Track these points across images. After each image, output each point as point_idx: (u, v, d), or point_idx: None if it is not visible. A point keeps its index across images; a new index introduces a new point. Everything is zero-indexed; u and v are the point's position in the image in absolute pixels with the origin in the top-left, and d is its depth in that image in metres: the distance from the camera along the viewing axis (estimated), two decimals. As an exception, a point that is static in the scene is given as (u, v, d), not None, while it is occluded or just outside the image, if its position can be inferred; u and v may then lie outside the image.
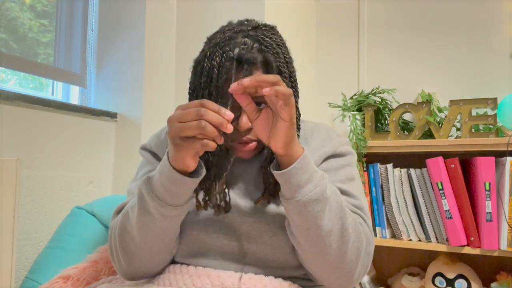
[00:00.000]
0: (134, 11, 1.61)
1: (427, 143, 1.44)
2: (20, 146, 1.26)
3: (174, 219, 0.73)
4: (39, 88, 1.53)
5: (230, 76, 0.73)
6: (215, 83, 0.74)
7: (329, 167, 0.83)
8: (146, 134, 1.57)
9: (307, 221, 0.69)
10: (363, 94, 1.67)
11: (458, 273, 1.39)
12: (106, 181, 1.58)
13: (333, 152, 0.85)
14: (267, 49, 0.76)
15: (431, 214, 1.42)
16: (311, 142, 0.86)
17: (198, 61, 0.79)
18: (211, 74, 0.75)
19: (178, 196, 0.70)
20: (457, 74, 1.70)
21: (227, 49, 0.75)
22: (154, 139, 0.93)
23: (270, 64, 0.75)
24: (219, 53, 0.75)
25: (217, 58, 0.75)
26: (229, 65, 0.74)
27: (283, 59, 0.78)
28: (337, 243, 0.71)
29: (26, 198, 1.27)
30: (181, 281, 0.75)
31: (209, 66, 0.76)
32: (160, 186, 0.69)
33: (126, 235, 0.77)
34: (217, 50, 0.76)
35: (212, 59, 0.76)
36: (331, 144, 0.86)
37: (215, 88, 0.74)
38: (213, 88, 0.74)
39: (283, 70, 0.77)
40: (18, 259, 1.25)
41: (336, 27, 1.94)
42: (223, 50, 0.75)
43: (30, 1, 1.49)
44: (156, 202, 0.70)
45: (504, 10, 1.64)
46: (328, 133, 0.89)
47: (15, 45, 1.42)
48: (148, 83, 1.59)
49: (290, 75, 0.79)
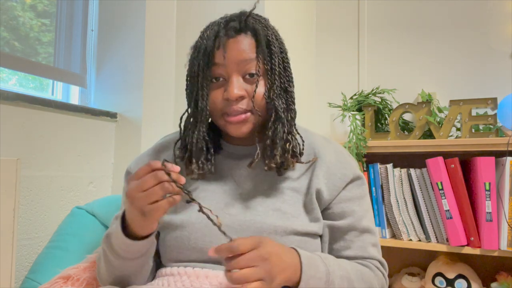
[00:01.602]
0: (134, 11, 1.61)
1: (427, 143, 1.44)
2: (20, 146, 1.26)
3: (136, 267, 0.77)
4: (39, 88, 1.53)
5: (219, 41, 0.76)
6: (205, 50, 0.77)
7: (353, 196, 0.84)
8: (146, 134, 1.57)
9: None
10: (363, 94, 1.67)
11: (458, 273, 1.39)
12: (106, 181, 1.58)
13: (354, 175, 0.85)
14: (256, 22, 0.79)
15: (431, 214, 1.42)
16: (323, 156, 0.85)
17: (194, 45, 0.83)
18: (202, 45, 0.78)
19: (135, 253, 0.74)
20: (457, 74, 1.70)
21: (218, 20, 0.80)
22: (137, 158, 0.94)
23: (258, 32, 0.78)
24: (211, 27, 0.80)
25: (208, 31, 0.79)
26: (217, 29, 0.77)
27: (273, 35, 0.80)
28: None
29: (26, 198, 1.27)
30: (180, 282, 0.74)
31: (201, 40, 0.79)
32: (117, 246, 0.74)
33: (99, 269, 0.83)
34: (209, 26, 0.81)
35: (204, 33, 0.80)
36: (352, 166, 0.86)
37: (203, 56, 0.77)
38: (201, 56, 0.77)
39: (273, 42, 0.79)
40: (18, 259, 1.25)
41: (336, 27, 1.94)
42: (213, 23, 0.80)
43: (31, 1, 1.49)
44: (116, 257, 0.75)
45: (504, 10, 1.64)
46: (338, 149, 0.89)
47: (17, 44, 1.42)
48: (148, 83, 1.59)
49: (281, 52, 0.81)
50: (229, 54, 0.76)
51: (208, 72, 0.77)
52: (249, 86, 0.78)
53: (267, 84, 0.79)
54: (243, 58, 0.76)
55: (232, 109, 0.77)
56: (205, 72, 0.77)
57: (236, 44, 0.77)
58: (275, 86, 0.79)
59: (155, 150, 0.92)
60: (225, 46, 0.76)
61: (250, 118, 0.79)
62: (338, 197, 0.83)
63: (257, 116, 0.79)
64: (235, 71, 0.77)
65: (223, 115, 0.79)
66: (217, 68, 0.78)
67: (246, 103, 0.78)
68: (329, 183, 0.82)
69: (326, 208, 0.83)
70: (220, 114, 0.79)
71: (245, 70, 0.77)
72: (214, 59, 0.77)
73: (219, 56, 0.77)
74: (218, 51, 0.77)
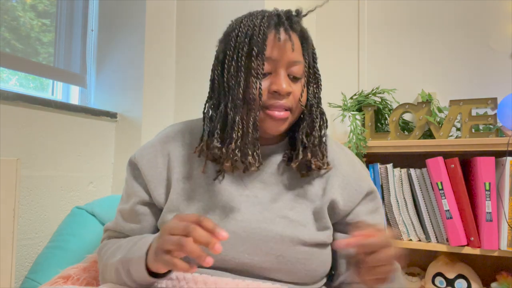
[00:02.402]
0: (134, 11, 1.61)
1: (427, 143, 1.44)
2: (20, 146, 1.26)
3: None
4: (39, 88, 1.54)
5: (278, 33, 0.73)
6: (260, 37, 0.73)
7: (369, 210, 0.84)
8: (146, 134, 1.57)
9: None
10: (363, 94, 1.66)
11: (458, 273, 1.39)
12: (106, 181, 1.58)
13: (369, 189, 0.85)
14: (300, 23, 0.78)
15: (431, 214, 1.42)
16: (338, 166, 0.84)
17: (228, 32, 0.78)
18: (253, 32, 0.73)
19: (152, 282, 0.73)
20: (457, 74, 1.71)
21: (265, 13, 0.75)
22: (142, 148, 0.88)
23: (307, 35, 0.77)
24: (256, 17, 0.76)
25: (256, 20, 0.75)
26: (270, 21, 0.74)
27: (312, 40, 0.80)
28: None
29: (26, 198, 1.27)
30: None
31: (247, 28, 0.74)
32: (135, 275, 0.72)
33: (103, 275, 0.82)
34: (253, 16, 0.76)
35: (249, 21, 0.75)
36: (366, 178, 0.86)
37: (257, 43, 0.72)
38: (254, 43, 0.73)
39: (313, 47, 0.80)
40: (18, 259, 1.25)
41: (336, 27, 1.94)
42: (261, 14, 0.76)
43: (32, 1, 1.49)
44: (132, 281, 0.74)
45: (504, 10, 1.64)
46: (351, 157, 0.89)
47: (18, 44, 1.42)
48: (148, 83, 1.59)
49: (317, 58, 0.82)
50: (283, 51, 0.74)
51: (261, 61, 0.73)
52: (293, 85, 0.77)
53: (307, 87, 0.79)
54: (293, 59, 0.75)
55: (277, 103, 0.75)
56: (258, 60, 0.73)
57: (288, 43, 0.75)
58: (318, 90, 0.80)
59: (160, 141, 0.86)
60: (280, 40, 0.74)
61: (289, 117, 0.78)
62: (354, 211, 0.83)
63: (294, 117, 0.79)
64: (284, 67, 0.75)
65: (264, 108, 0.75)
66: (267, 60, 0.75)
67: (290, 100, 0.76)
68: (344, 193, 0.82)
69: (340, 221, 0.83)
70: (261, 106, 0.75)
71: (291, 71, 0.76)
72: (265, 51, 0.73)
73: (271, 49, 0.74)
74: (271, 43, 0.74)
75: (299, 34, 0.77)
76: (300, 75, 0.77)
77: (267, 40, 0.73)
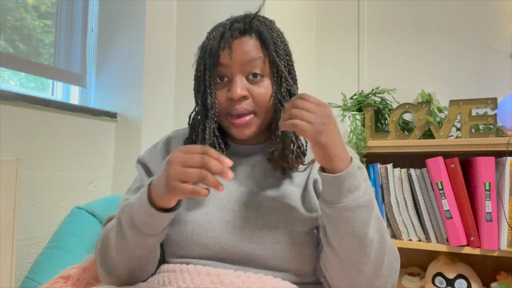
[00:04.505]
0: (134, 11, 1.61)
1: (427, 143, 1.44)
2: (20, 146, 1.26)
3: (149, 247, 0.75)
4: (40, 88, 1.54)
5: (224, 42, 0.77)
6: (210, 50, 0.78)
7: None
8: (146, 134, 1.57)
9: (353, 227, 0.68)
10: (363, 94, 1.67)
11: (458, 273, 1.39)
12: (106, 181, 1.58)
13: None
14: (261, 24, 0.80)
15: (431, 214, 1.42)
16: None
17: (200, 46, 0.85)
18: (208, 45, 0.80)
19: (154, 227, 0.71)
20: (457, 74, 1.71)
21: (224, 22, 0.81)
22: (149, 149, 0.93)
23: (263, 35, 0.79)
24: (217, 28, 0.81)
25: (214, 32, 0.81)
26: (222, 30, 0.79)
27: (278, 38, 0.81)
28: (375, 254, 0.70)
29: (26, 198, 1.27)
30: (181, 280, 0.75)
31: (207, 41, 0.81)
32: (137, 217, 0.70)
33: (106, 251, 0.78)
34: (215, 28, 0.82)
35: (210, 34, 0.82)
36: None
37: (209, 56, 0.78)
38: (207, 56, 0.79)
39: (278, 44, 0.80)
40: (18, 259, 1.25)
41: (336, 27, 1.94)
42: (219, 24, 0.82)
43: (34, 1, 1.49)
44: (133, 230, 0.71)
45: (504, 10, 1.64)
46: None
47: (21, 45, 1.42)
48: (148, 83, 1.59)
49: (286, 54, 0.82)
50: (234, 55, 0.77)
51: (214, 71, 0.78)
52: (253, 87, 0.79)
53: (273, 86, 0.80)
54: (247, 59, 0.77)
55: (235, 109, 0.78)
56: (211, 71, 0.78)
57: (240, 45, 0.77)
58: (282, 88, 0.80)
59: (165, 143, 0.92)
60: (230, 47, 0.77)
61: (254, 120, 0.79)
62: None
63: (261, 118, 0.80)
64: (239, 71, 0.78)
65: (227, 116, 0.80)
66: (222, 68, 0.79)
67: (249, 103, 0.78)
68: None
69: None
70: (224, 114, 0.80)
71: (249, 70, 0.78)
72: (219, 59, 0.78)
73: (224, 57, 0.78)
74: (223, 52, 0.78)
75: (256, 35, 0.79)
76: (262, 73, 0.79)
77: (219, 49, 0.78)
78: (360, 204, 0.68)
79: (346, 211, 0.67)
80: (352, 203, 0.67)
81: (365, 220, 0.68)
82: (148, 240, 0.72)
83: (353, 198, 0.67)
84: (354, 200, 0.67)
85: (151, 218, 0.69)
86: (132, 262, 0.76)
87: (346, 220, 0.68)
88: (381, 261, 0.71)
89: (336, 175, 0.67)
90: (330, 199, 0.69)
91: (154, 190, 0.69)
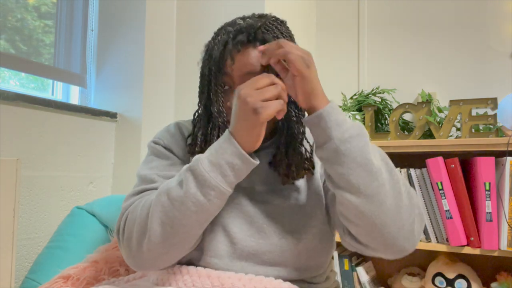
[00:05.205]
0: (134, 11, 1.61)
1: (427, 143, 1.44)
2: (20, 146, 1.26)
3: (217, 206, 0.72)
4: (40, 88, 1.54)
5: (227, 54, 0.77)
6: (215, 57, 0.78)
7: None
8: (146, 134, 1.57)
9: (355, 159, 0.66)
10: (363, 94, 1.67)
11: (458, 273, 1.39)
12: (106, 181, 1.58)
13: None
14: (268, 32, 0.78)
15: (431, 214, 1.42)
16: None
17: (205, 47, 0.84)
18: (213, 50, 0.79)
19: (239, 176, 0.71)
20: (457, 74, 1.70)
21: (229, 28, 0.79)
22: (165, 135, 0.90)
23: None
24: (222, 32, 0.80)
25: (219, 37, 0.80)
26: (226, 39, 0.78)
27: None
28: (389, 182, 0.68)
29: (26, 198, 1.28)
30: (181, 281, 0.75)
31: (212, 44, 0.81)
32: (225, 163, 0.69)
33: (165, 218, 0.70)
34: (221, 30, 0.81)
35: (216, 37, 0.81)
36: None
37: (214, 62, 0.78)
38: (212, 62, 0.79)
39: None
40: (18, 259, 1.25)
41: (336, 27, 1.94)
42: (225, 29, 0.80)
43: (34, 2, 1.49)
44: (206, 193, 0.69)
45: (504, 10, 1.64)
46: None
47: (21, 45, 1.42)
48: (148, 83, 1.59)
49: None
50: (235, 66, 0.76)
51: (219, 79, 0.78)
52: None
53: None
54: (249, 71, 0.76)
55: None
56: (216, 79, 0.78)
57: (242, 57, 0.76)
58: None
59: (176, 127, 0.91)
60: (232, 59, 0.77)
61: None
62: None
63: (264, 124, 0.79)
64: (241, 82, 0.76)
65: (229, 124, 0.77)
66: (225, 77, 0.78)
67: None
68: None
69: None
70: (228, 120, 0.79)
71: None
72: (223, 68, 0.78)
73: (226, 66, 0.78)
74: (226, 61, 0.77)
75: (261, 43, 0.77)
76: None
77: (222, 59, 0.77)
78: (352, 134, 0.67)
79: (341, 144, 0.67)
80: (344, 134, 0.67)
81: (363, 148, 0.67)
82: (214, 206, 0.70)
83: (343, 130, 0.67)
84: (345, 131, 0.67)
85: (241, 160, 0.69)
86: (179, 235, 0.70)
87: (345, 154, 0.67)
88: (398, 189, 0.69)
89: (320, 111, 0.68)
90: (323, 140, 0.69)
91: (240, 131, 0.69)
